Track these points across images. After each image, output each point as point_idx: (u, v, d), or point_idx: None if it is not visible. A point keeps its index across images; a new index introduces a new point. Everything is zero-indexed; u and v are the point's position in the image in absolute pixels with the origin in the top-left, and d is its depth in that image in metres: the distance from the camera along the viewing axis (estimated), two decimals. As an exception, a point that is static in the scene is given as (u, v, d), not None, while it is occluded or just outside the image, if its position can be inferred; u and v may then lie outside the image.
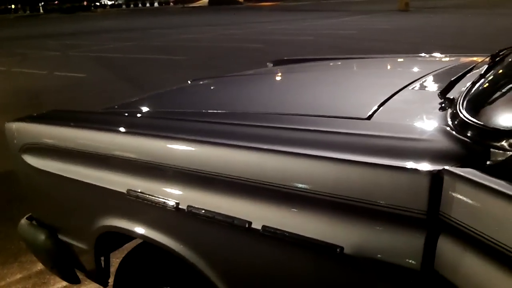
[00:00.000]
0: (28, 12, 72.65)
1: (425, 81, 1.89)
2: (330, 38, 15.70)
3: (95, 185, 1.76)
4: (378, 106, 1.53)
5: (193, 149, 1.53)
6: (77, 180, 1.83)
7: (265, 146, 1.35)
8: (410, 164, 1.09)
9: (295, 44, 14.47)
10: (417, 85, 1.81)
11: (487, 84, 1.45)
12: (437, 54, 2.83)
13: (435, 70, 2.09)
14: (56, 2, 70.41)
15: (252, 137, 1.46)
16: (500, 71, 1.54)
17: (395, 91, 1.70)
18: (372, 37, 15.23)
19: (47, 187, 2.06)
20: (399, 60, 2.94)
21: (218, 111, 1.93)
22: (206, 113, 1.91)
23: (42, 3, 71.25)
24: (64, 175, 1.89)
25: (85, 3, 73.34)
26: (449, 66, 2.19)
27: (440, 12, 24.51)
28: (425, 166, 1.07)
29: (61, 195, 2.01)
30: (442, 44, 12.05)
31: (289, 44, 14.47)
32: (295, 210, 1.25)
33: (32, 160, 2.03)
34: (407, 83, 1.81)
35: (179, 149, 1.56)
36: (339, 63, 3.02)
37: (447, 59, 2.60)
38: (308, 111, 1.71)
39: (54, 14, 60.11)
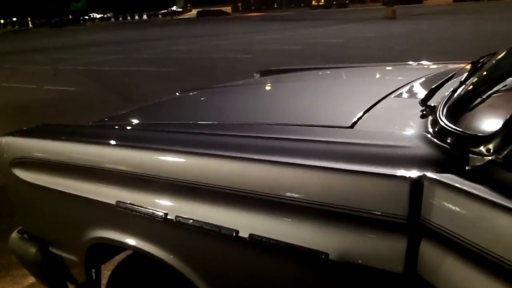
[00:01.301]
0: (17, 26, 72.53)
1: (408, 89, 1.93)
2: (317, 47, 15.81)
3: (84, 197, 1.78)
4: (361, 114, 1.56)
5: (179, 160, 1.56)
6: (67, 192, 1.85)
7: (250, 156, 1.37)
8: (391, 171, 1.12)
9: (283, 54, 14.55)
10: (400, 93, 1.85)
11: (466, 91, 1.48)
12: (424, 62, 2.87)
13: (418, 78, 2.13)
14: (43, 17, 70.26)
15: (237, 147, 1.49)
16: (479, 78, 1.58)
17: (378, 99, 1.73)
18: (360, 45, 15.37)
19: (37, 200, 2.07)
20: (384, 68, 2.99)
21: (205, 122, 1.95)
22: (193, 125, 1.94)
23: (30, 18, 71.12)
24: (54, 188, 1.90)
25: (70, 16, 73.27)
26: (432, 74, 2.23)
27: (426, 19, 24.81)
28: (405, 172, 1.10)
29: (51, 208, 2.02)
30: (429, 50, 12.19)
31: (277, 54, 14.56)
32: (280, 218, 1.28)
33: (22, 174, 2.04)
34: (390, 91, 1.85)
35: (166, 160, 1.59)
36: (326, 72, 3.06)
37: (434, 66, 2.64)
38: (292, 120, 1.74)
39: (43, 28, 60.03)
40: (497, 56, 1.69)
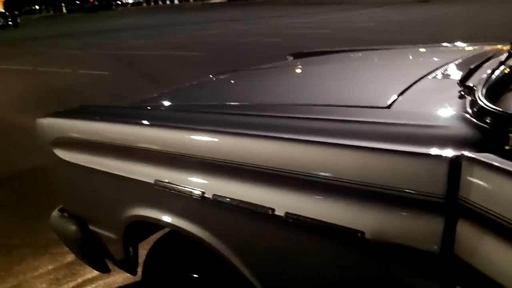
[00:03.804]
0: (52, 12, 73.61)
1: (445, 70, 1.90)
2: (347, 31, 15.60)
3: (123, 176, 1.82)
4: (398, 95, 1.56)
5: (216, 140, 1.58)
6: (106, 172, 1.90)
7: (287, 136, 1.39)
8: (428, 150, 1.12)
9: (313, 38, 14.41)
10: (437, 74, 1.83)
11: (506, 72, 1.46)
12: (459, 43, 2.82)
13: (454, 59, 2.09)
14: (78, 2, 70.97)
15: (274, 127, 1.50)
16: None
17: (415, 80, 1.72)
18: (390, 30, 15.09)
19: (77, 180, 2.13)
20: (418, 50, 2.95)
21: (239, 103, 1.97)
22: (228, 106, 1.96)
23: (64, 3, 72.05)
24: (93, 167, 1.95)
25: (104, 2, 73.90)
26: (469, 55, 2.20)
27: (462, 2, 24.08)
28: (443, 151, 1.09)
29: (91, 187, 2.08)
30: (462, 35, 11.89)
31: (307, 38, 14.42)
32: (316, 196, 1.29)
33: (63, 154, 2.10)
34: (427, 72, 1.83)
35: (203, 140, 1.61)
36: (359, 54, 3.04)
37: (469, 48, 2.59)
38: (329, 101, 1.74)
39: (76, 14, 60.83)
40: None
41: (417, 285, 1.17)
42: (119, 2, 77.78)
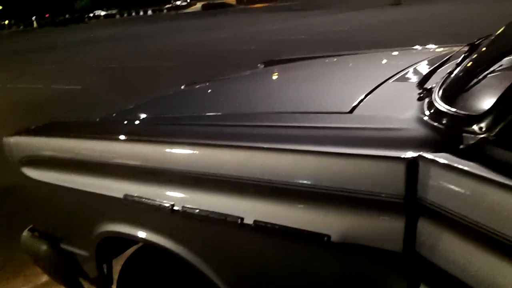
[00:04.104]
0: (22, 27, 72.77)
1: (407, 73, 1.94)
2: (323, 36, 15.74)
3: (93, 192, 1.82)
4: (360, 99, 1.59)
5: (183, 151, 1.60)
6: (75, 188, 1.89)
7: (251, 144, 1.41)
8: (387, 153, 1.15)
9: (288, 44, 14.50)
10: (399, 77, 1.87)
11: (461, 73, 1.51)
12: (430, 46, 2.87)
13: (419, 62, 2.14)
14: (47, 16, 70.27)
15: (238, 136, 1.52)
16: (475, 59, 1.60)
17: (377, 84, 1.76)
18: (365, 33, 15.26)
19: (47, 198, 2.12)
20: (386, 54, 3.00)
21: (207, 113, 1.99)
22: (196, 116, 1.97)
23: (35, 17, 71.30)
24: (63, 184, 1.94)
25: (75, 15, 73.34)
26: (432, 57, 2.25)
27: (433, 3, 24.45)
28: (401, 153, 1.12)
29: (61, 205, 2.06)
30: (434, 34, 12.09)
31: (282, 44, 14.49)
32: (283, 203, 1.31)
33: (31, 172, 2.08)
34: (390, 76, 1.87)
35: (171, 152, 1.62)
36: (328, 60, 3.08)
37: (439, 49, 2.64)
38: (294, 108, 1.77)
39: (48, 28, 60.17)
40: (493, 36, 1.71)
41: (382, 284, 1.21)
42: (91, 15, 77.33)
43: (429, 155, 1.09)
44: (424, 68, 2.02)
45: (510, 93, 1.08)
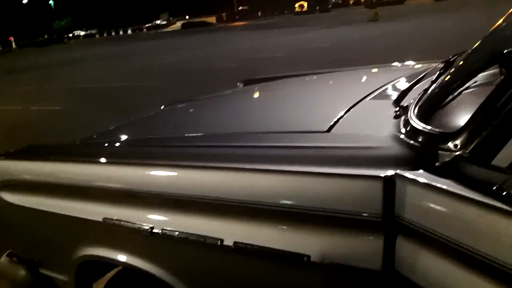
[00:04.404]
0: (0, 48, 72.27)
1: (384, 90, 1.97)
2: (302, 53, 15.88)
3: (72, 216, 1.79)
4: (338, 118, 1.60)
5: (162, 173, 1.59)
6: (54, 212, 1.86)
7: (230, 165, 1.41)
8: (364, 172, 1.16)
9: (268, 62, 14.58)
10: (376, 95, 1.89)
11: (436, 90, 1.53)
12: (409, 62, 2.90)
13: (396, 79, 2.17)
14: (27, 38, 69.73)
15: (217, 158, 1.53)
16: (450, 76, 1.62)
17: (355, 102, 1.77)
18: (344, 49, 15.45)
19: (25, 222, 2.08)
20: (364, 71, 3.03)
21: (186, 135, 1.99)
22: (174, 138, 1.97)
23: (13, 38, 70.88)
24: (41, 208, 1.92)
25: (55, 35, 72.97)
26: (409, 74, 2.28)
27: (408, 19, 24.90)
28: (378, 172, 1.13)
29: (40, 229, 2.03)
30: (411, 49, 12.26)
31: (262, 62, 14.58)
32: (263, 224, 1.31)
33: (9, 197, 2.05)
34: (367, 94, 1.89)
35: (149, 175, 1.62)
36: (306, 78, 3.10)
37: (418, 66, 2.68)
38: (273, 128, 1.78)
39: (28, 48, 59.80)
40: (466, 53, 1.73)
41: None
42: (71, 35, 77.07)
43: (405, 173, 1.10)
44: (401, 85, 2.05)
45: (483, 110, 1.09)
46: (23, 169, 2.06)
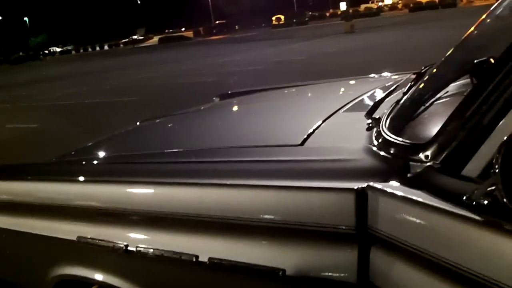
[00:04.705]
0: (-26, 66, 71.27)
1: (357, 102, 1.99)
2: (280, 66, 15.99)
3: (46, 235, 1.77)
4: (311, 131, 1.61)
5: (136, 190, 1.58)
6: (28, 232, 1.84)
7: (203, 181, 1.40)
8: (336, 184, 1.16)
9: (247, 75, 14.65)
10: (349, 107, 1.91)
11: (408, 102, 1.55)
12: (385, 74, 2.93)
13: (369, 91, 2.19)
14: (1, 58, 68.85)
15: (190, 173, 1.52)
16: (418, 88, 1.65)
17: (328, 115, 1.79)
18: (321, 61, 15.61)
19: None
20: (339, 83, 3.07)
21: (161, 151, 1.98)
22: (149, 154, 1.96)
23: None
24: (14, 229, 1.89)
25: (30, 52, 72.28)
26: (382, 86, 2.30)
27: (383, 31, 25.35)
28: (350, 184, 1.14)
29: (14, 249, 2.00)
30: (387, 61, 12.43)
31: (240, 75, 14.65)
32: (237, 239, 1.31)
33: None
34: (340, 107, 1.91)
35: (123, 192, 1.60)
36: (281, 92, 3.12)
37: (395, 76, 2.70)
38: (247, 142, 1.78)
39: (3, 66, 59.07)
40: (437, 63, 1.76)
41: None
42: (47, 52, 76.39)
43: (377, 185, 1.11)
44: (374, 97, 2.07)
45: (453, 120, 1.11)
46: None
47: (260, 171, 1.42)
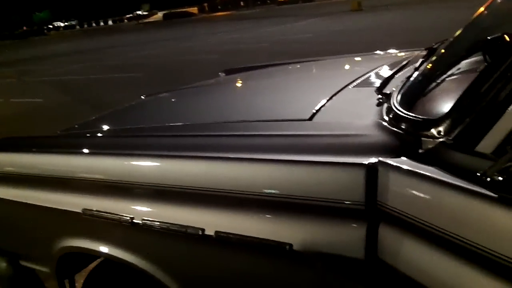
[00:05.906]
0: (-21, 41, 71.08)
1: (366, 78, 1.96)
2: (285, 44, 15.83)
3: (51, 207, 1.77)
4: (320, 106, 1.59)
5: (142, 163, 1.57)
6: (34, 204, 1.83)
7: (211, 154, 1.39)
8: (346, 159, 1.15)
9: (250, 52, 14.54)
10: (358, 83, 1.88)
11: (419, 77, 1.52)
12: (391, 51, 2.90)
13: (378, 67, 2.16)
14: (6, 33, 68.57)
15: (198, 147, 1.50)
16: (430, 64, 1.62)
17: (337, 90, 1.76)
18: (327, 40, 15.45)
19: (5, 215, 2.05)
20: (347, 60, 3.03)
21: (166, 124, 1.96)
22: (154, 128, 1.94)
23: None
24: (21, 200, 1.89)
25: (35, 27, 71.94)
26: (392, 62, 2.27)
27: (392, 10, 24.99)
28: (360, 159, 1.12)
29: (20, 221, 2.00)
30: (395, 40, 12.31)
31: (244, 53, 14.53)
32: (244, 213, 1.30)
33: None
34: (349, 82, 1.88)
35: (129, 165, 1.59)
36: (288, 67, 3.09)
37: (401, 54, 2.67)
38: (255, 117, 1.76)
39: (7, 41, 58.88)
40: (449, 40, 1.73)
41: None
42: (51, 26, 76.02)
43: (388, 160, 1.09)
44: (383, 73, 2.05)
45: (467, 97, 1.09)
46: (2, 161, 2.02)
47: (268, 145, 1.40)
